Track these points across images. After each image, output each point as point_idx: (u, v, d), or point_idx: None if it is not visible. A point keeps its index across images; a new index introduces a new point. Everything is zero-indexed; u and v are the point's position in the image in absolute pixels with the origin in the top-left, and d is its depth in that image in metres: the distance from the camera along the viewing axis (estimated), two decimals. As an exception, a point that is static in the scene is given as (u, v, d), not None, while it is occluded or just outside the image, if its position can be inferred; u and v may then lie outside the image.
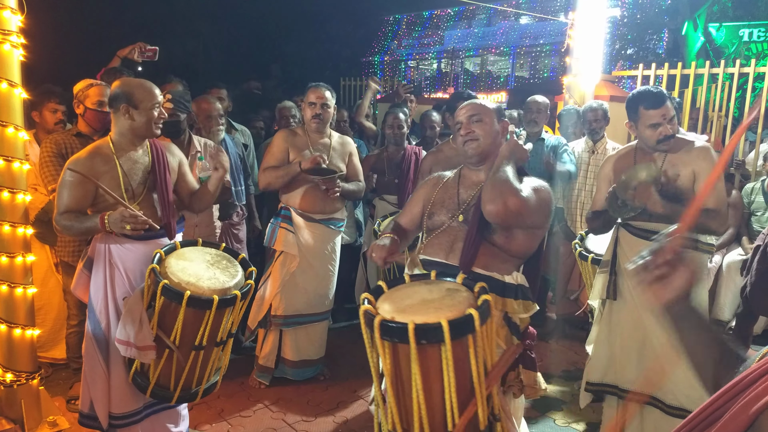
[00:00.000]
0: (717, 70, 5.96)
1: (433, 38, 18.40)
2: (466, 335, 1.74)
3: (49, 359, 3.76)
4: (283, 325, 3.66)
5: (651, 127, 2.70)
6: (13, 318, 2.93)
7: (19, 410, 2.96)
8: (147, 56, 4.29)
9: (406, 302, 1.87)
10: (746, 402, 0.89)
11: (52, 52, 6.74)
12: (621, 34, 12.77)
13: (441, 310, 1.78)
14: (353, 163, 3.82)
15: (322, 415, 3.39)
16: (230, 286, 2.58)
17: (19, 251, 2.91)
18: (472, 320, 1.73)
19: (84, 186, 2.58)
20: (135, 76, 3.84)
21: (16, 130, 2.85)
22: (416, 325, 1.70)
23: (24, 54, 2.86)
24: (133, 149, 2.73)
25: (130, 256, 2.68)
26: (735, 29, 11.54)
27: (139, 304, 2.53)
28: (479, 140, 2.30)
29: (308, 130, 3.66)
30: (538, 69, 15.78)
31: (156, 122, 2.70)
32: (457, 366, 1.74)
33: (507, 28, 17.13)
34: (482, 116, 2.32)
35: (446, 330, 1.68)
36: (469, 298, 1.88)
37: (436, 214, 2.37)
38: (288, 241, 3.60)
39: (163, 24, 13.08)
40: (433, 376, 1.76)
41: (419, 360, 1.73)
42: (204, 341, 2.54)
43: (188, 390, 2.67)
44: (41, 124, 3.67)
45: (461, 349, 1.75)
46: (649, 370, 2.69)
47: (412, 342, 1.69)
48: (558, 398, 3.67)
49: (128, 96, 2.62)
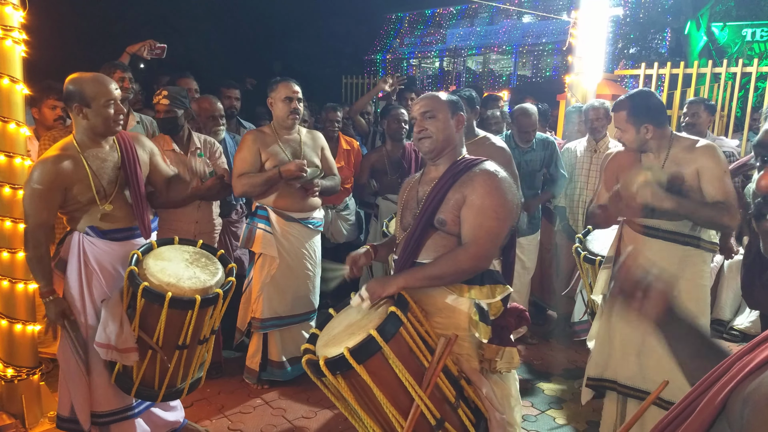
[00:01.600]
0: (719, 70, 5.96)
1: (436, 36, 18.38)
2: (374, 354, 1.83)
3: (50, 355, 3.75)
4: (262, 329, 3.58)
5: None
6: (14, 313, 2.93)
7: (20, 405, 2.97)
8: (155, 54, 4.30)
9: (334, 331, 2.02)
10: (716, 391, 0.92)
11: (53, 48, 6.74)
12: (624, 33, 12.76)
13: (353, 336, 1.89)
14: (326, 157, 3.72)
15: (322, 410, 3.39)
16: (211, 285, 2.55)
17: (20, 247, 2.92)
18: (374, 341, 1.82)
19: (53, 193, 2.49)
20: (138, 73, 3.85)
21: (17, 126, 2.86)
22: (326, 360, 1.84)
23: (26, 50, 2.86)
24: (98, 147, 2.63)
25: (106, 257, 2.63)
26: (738, 29, 11.51)
27: (118, 307, 2.49)
28: (432, 137, 2.26)
29: (277, 128, 3.53)
30: (541, 68, 15.76)
31: (114, 120, 2.55)
32: (379, 381, 1.84)
33: (509, 27, 17.11)
34: (435, 112, 2.27)
35: (350, 358, 1.80)
36: (382, 313, 1.95)
37: (404, 216, 2.38)
38: (266, 243, 3.49)
39: (165, 21, 13.06)
40: (366, 396, 1.88)
41: (348, 388, 1.88)
42: (187, 341, 2.53)
43: (173, 387, 2.66)
44: (40, 121, 3.68)
45: (377, 365, 1.84)
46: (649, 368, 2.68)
47: (329, 376, 1.85)
48: (558, 396, 3.67)
49: (80, 94, 2.49)
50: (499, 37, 16.99)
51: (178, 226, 3.47)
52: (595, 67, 5.85)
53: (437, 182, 2.26)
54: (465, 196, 2.15)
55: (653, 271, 1.25)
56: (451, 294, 2.17)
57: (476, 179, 2.17)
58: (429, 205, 2.22)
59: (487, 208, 2.12)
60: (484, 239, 2.11)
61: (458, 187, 2.18)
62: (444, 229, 2.20)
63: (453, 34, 17.95)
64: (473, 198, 2.13)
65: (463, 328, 2.15)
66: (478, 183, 2.15)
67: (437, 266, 2.12)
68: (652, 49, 12.92)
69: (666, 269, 1.29)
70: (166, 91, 3.51)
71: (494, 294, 2.19)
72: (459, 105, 2.34)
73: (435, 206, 2.20)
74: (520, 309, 2.30)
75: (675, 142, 2.74)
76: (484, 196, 2.13)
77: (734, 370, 0.91)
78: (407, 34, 18.90)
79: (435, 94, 2.36)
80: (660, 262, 2.66)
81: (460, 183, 2.19)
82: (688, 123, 4.55)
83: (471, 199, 2.14)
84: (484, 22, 17.75)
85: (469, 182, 2.17)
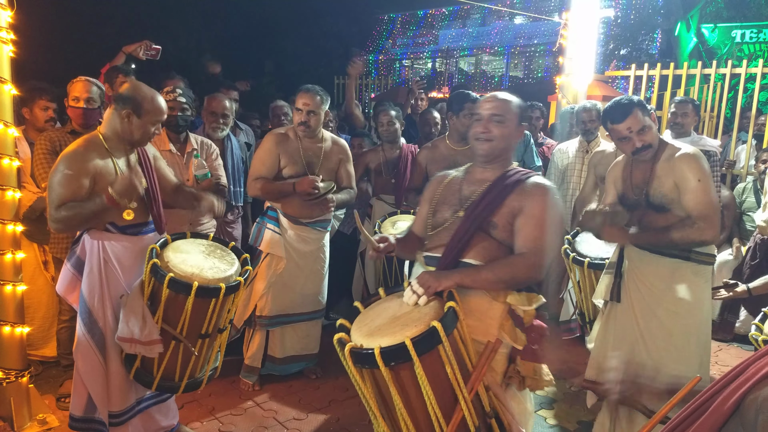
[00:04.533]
0: (709, 71, 6.00)
1: (428, 37, 18.42)
2: (434, 347, 1.77)
3: (39, 357, 3.74)
4: (269, 326, 3.62)
5: (620, 141, 2.68)
6: (2, 315, 2.92)
7: (9, 408, 2.95)
8: (151, 55, 4.29)
9: (375, 323, 1.91)
10: (730, 392, 0.93)
11: (42, 48, 6.71)
12: (614, 34, 12.85)
13: (407, 327, 1.81)
14: (346, 169, 3.71)
15: (313, 413, 3.38)
16: (231, 274, 2.63)
17: (8, 248, 2.90)
18: (437, 332, 1.75)
19: (81, 180, 2.52)
20: (132, 74, 3.84)
21: (5, 127, 2.84)
22: (382, 349, 1.73)
23: (14, 50, 2.84)
24: (123, 146, 2.71)
25: (125, 252, 2.67)
26: (727, 30, 11.61)
27: (139, 300, 2.53)
28: (493, 141, 2.20)
29: (299, 133, 3.53)
30: (532, 69, 15.83)
31: (151, 137, 2.69)
32: (432, 378, 1.77)
33: (501, 28, 17.17)
34: (505, 118, 2.21)
35: (411, 348, 1.72)
36: (436, 308, 1.90)
37: (439, 211, 2.32)
38: (274, 243, 3.52)
39: (156, 21, 13.02)
40: (411, 392, 1.80)
41: (394, 381, 1.78)
42: (210, 329, 2.59)
43: (193, 378, 2.71)
44: (31, 122, 3.64)
45: (433, 361, 1.78)
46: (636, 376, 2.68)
47: (381, 366, 1.74)
48: (549, 397, 3.68)
49: (137, 103, 2.58)
50: (491, 39, 17.05)
51: (171, 228, 3.45)
52: (585, 68, 5.88)
53: (492, 186, 2.21)
54: (523, 206, 2.14)
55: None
56: (487, 296, 2.13)
57: (535, 192, 2.16)
58: (483, 206, 2.17)
59: (547, 222, 2.12)
60: (542, 250, 2.10)
61: (516, 196, 2.17)
62: (492, 233, 2.17)
63: (445, 35, 18.00)
64: (533, 210, 2.12)
65: (492, 334, 2.10)
66: (537, 195, 2.15)
67: (494, 270, 2.08)
68: (643, 50, 13.02)
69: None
70: (180, 90, 3.51)
71: (531, 302, 2.16)
72: (525, 118, 2.30)
73: (491, 209, 2.16)
74: (545, 327, 2.23)
75: (661, 149, 2.68)
76: (544, 209, 2.13)
77: (749, 372, 0.92)
78: (399, 35, 18.94)
79: (507, 98, 2.28)
80: (651, 276, 2.69)
81: (518, 192, 2.17)
82: (676, 122, 4.57)
83: (530, 211, 2.13)
84: (476, 24, 17.82)
85: (528, 194, 2.16)
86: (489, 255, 2.15)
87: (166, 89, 3.54)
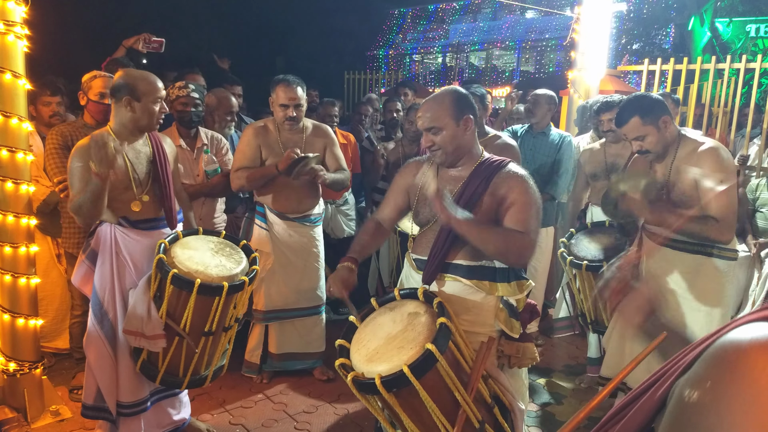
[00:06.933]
0: (723, 66, 5.92)
1: (438, 32, 18.37)
2: (431, 367, 1.81)
3: (52, 349, 3.78)
4: (264, 320, 3.60)
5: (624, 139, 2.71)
6: (16, 308, 2.95)
7: (22, 399, 2.99)
8: (152, 47, 4.28)
9: (372, 345, 1.96)
10: (657, 386, 0.95)
11: (56, 43, 6.75)
12: (627, 28, 12.73)
13: (403, 350, 1.86)
14: (333, 153, 3.59)
15: (323, 406, 3.40)
16: (237, 273, 2.62)
17: (22, 241, 2.93)
18: (432, 355, 1.80)
19: (90, 172, 2.51)
20: (138, 68, 3.84)
21: (20, 121, 2.87)
22: (383, 379, 1.80)
23: (28, 45, 2.87)
24: (134, 140, 2.72)
25: (137, 246, 2.70)
26: (742, 24, 11.47)
27: (146, 294, 2.55)
28: (441, 149, 2.23)
29: (279, 125, 3.45)
30: (544, 63, 15.73)
31: (158, 116, 2.68)
32: (433, 393, 1.83)
33: (512, 23, 17.07)
34: (438, 126, 2.20)
35: (410, 375, 1.77)
36: (428, 324, 1.93)
37: (421, 211, 2.35)
38: (261, 239, 3.49)
39: (168, 17, 13.07)
40: (416, 406, 1.87)
41: (398, 402, 1.85)
42: (213, 327, 2.59)
43: (197, 375, 2.72)
44: (38, 118, 3.68)
45: (432, 377, 1.83)
46: None
47: (384, 393, 1.81)
48: (558, 393, 3.67)
49: (131, 88, 2.60)
50: (502, 33, 16.96)
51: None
52: (598, 62, 5.83)
53: (467, 184, 2.23)
54: (503, 197, 2.17)
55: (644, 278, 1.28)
56: (480, 293, 2.19)
57: (511, 181, 2.19)
58: (462, 205, 2.17)
59: (530, 204, 2.15)
60: (533, 231, 2.13)
61: (492, 190, 2.19)
62: None
63: (456, 30, 17.93)
64: (514, 197, 2.15)
65: (489, 324, 2.19)
66: (514, 183, 2.18)
67: (492, 234, 2.09)
68: (656, 44, 12.90)
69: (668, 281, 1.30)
70: (193, 85, 3.52)
71: (522, 289, 2.23)
72: (463, 107, 2.23)
73: (469, 208, 2.17)
74: (532, 304, 2.31)
75: (682, 143, 2.64)
76: (523, 193, 2.16)
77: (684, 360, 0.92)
78: (410, 30, 18.90)
79: (435, 102, 2.24)
80: (672, 273, 2.67)
81: (493, 186, 2.19)
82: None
83: (512, 198, 2.16)
84: (487, 18, 17.73)
85: (504, 184, 2.18)
86: (477, 254, 2.18)
87: (179, 84, 3.56)
